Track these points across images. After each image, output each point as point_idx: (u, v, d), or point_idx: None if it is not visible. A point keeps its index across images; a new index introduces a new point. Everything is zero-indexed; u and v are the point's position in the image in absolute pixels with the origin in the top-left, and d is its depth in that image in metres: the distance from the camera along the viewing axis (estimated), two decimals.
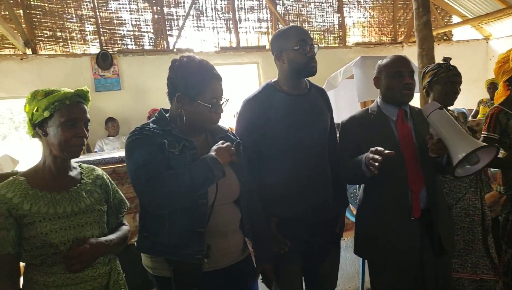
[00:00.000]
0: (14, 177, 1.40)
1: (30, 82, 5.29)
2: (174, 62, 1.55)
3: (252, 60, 6.79)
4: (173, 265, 1.47)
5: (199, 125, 1.55)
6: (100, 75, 5.67)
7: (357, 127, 1.90)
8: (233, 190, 1.58)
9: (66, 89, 1.42)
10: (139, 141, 1.46)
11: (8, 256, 1.32)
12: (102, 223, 1.48)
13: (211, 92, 1.50)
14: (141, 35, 6.21)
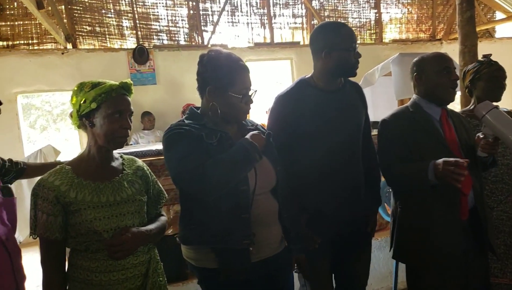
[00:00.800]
0: (61, 166, 1.45)
1: (70, 76, 5.47)
2: (202, 56, 1.57)
3: (285, 56, 6.75)
4: (221, 256, 1.49)
5: (232, 116, 1.56)
6: (136, 69, 5.79)
7: (405, 126, 1.84)
8: (271, 179, 1.59)
9: (111, 82, 1.46)
10: (178, 135, 1.48)
11: (56, 241, 1.38)
12: (142, 213, 1.52)
13: (241, 82, 1.52)
14: (176, 30, 6.30)
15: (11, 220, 1.31)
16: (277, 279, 1.64)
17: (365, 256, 1.98)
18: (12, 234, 1.29)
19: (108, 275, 1.40)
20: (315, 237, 1.79)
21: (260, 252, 1.53)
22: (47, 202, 1.36)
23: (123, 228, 1.41)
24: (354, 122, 1.87)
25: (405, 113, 1.89)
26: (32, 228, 1.41)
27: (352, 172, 1.85)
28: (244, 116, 1.58)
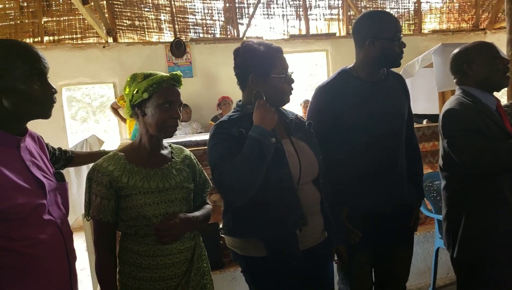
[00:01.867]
0: (114, 152, 1.52)
1: (111, 69, 5.65)
2: (237, 50, 1.60)
3: (321, 47, 6.68)
4: (271, 244, 1.51)
5: (277, 99, 1.57)
6: (173, 62, 5.90)
7: (473, 115, 1.77)
8: (314, 168, 1.60)
9: (162, 73, 1.51)
10: (216, 137, 1.52)
11: (108, 224, 1.45)
12: (189, 200, 1.56)
13: (280, 63, 1.54)
14: (212, 24, 6.36)
15: (64, 204, 1.38)
16: (318, 270, 1.65)
17: (407, 251, 1.95)
18: (66, 218, 1.35)
19: (156, 259, 1.45)
20: (355, 230, 1.78)
21: (303, 242, 1.55)
22: (101, 186, 1.42)
23: (171, 214, 1.46)
24: (398, 114, 1.84)
25: (465, 103, 1.82)
26: (86, 211, 1.48)
27: (395, 165, 1.82)
28: (288, 98, 1.59)
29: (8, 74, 1.13)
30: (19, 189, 1.15)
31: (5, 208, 1.10)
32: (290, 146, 1.56)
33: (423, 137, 3.34)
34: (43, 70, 1.20)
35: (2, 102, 1.15)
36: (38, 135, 1.40)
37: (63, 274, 1.27)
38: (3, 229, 1.12)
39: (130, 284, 1.46)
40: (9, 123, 1.18)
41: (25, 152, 1.24)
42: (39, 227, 1.19)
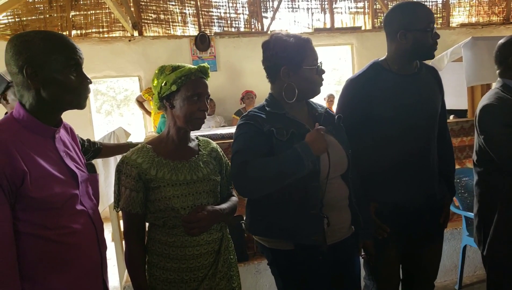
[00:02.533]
0: (142, 145, 1.53)
1: (136, 62, 5.73)
2: (267, 43, 1.58)
3: (346, 41, 6.60)
4: (296, 239, 1.51)
5: (309, 91, 1.56)
6: (198, 56, 5.93)
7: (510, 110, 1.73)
8: (343, 163, 1.58)
9: (190, 65, 1.51)
10: (246, 127, 1.51)
11: (137, 215, 1.47)
12: (216, 193, 1.57)
13: (311, 54, 1.53)
14: (237, 17, 6.35)
15: (95, 195, 1.41)
16: (344, 264, 1.64)
17: (436, 248, 1.92)
18: (97, 208, 1.38)
19: (184, 250, 1.46)
20: (384, 226, 1.76)
21: (330, 236, 1.53)
22: (130, 178, 1.44)
23: (199, 206, 1.47)
24: (431, 108, 1.79)
25: (504, 97, 1.76)
26: (116, 202, 1.51)
27: (427, 161, 1.78)
28: (319, 89, 1.58)
29: (47, 66, 1.15)
30: (54, 179, 1.18)
31: (41, 197, 1.13)
32: None
33: (451, 132, 3.25)
34: (79, 61, 1.22)
35: (40, 93, 1.17)
36: (70, 126, 1.43)
37: (95, 262, 1.30)
38: (39, 218, 1.15)
39: (158, 274, 1.48)
40: (45, 114, 1.21)
41: (60, 143, 1.27)
42: (72, 217, 1.22)
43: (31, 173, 1.12)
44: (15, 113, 1.20)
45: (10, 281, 1.09)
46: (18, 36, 1.17)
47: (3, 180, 1.07)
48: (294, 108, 1.57)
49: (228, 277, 1.55)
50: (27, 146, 1.15)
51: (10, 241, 1.10)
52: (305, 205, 1.48)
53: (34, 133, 1.19)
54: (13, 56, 1.15)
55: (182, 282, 1.47)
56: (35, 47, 1.15)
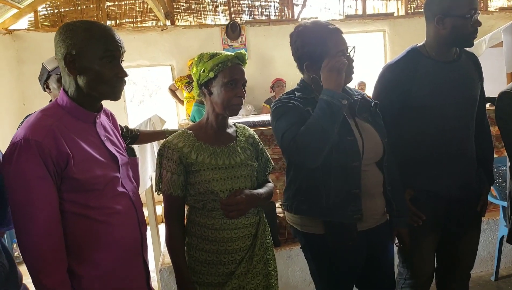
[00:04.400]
0: (183, 130, 1.58)
1: (168, 51, 5.81)
2: (291, 35, 1.59)
3: (378, 28, 6.44)
4: (329, 224, 1.53)
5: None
6: (229, 45, 5.95)
7: None
8: (378, 150, 1.58)
9: (227, 52, 1.54)
10: (285, 108, 1.53)
11: (178, 197, 1.52)
12: (253, 178, 1.60)
13: (334, 47, 1.51)
14: (267, 5, 6.31)
15: (135, 178, 1.47)
16: (377, 251, 1.64)
17: (473, 236, 1.89)
18: (137, 191, 1.44)
19: (222, 232, 1.51)
20: (419, 213, 1.75)
21: (364, 222, 1.54)
22: (172, 162, 1.50)
23: (237, 190, 1.51)
24: (470, 95, 1.76)
25: None
26: (157, 185, 1.57)
27: (465, 149, 1.75)
28: (348, 78, 1.56)
29: (84, 55, 1.20)
30: (96, 162, 1.25)
31: (85, 179, 1.20)
32: (354, 127, 1.54)
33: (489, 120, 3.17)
34: (115, 53, 1.24)
35: (77, 81, 1.22)
36: (111, 111, 1.49)
37: (136, 242, 1.36)
38: (83, 199, 1.21)
39: (197, 256, 1.53)
40: (85, 101, 1.26)
41: (100, 128, 1.33)
42: (114, 198, 1.29)
43: (74, 156, 1.18)
44: (59, 99, 1.27)
45: (58, 256, 1.17)
46: (65, 25, 1.23)
47: (49, 162, 1.14)
48: None
49: (264, 260, 1.59)
50: (70, 130, 1.21)
51: (57, 219, 1.17)
52: (346, 184, 1.50)
53: (76, 119, 1.25)
54: (58, 44, 1.21)
55: (220, 264, 1.52)
56: (76, 36, 1.19)
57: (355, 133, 1.52)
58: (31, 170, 1.12)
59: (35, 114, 1.23)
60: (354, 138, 1.50)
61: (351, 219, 1.51)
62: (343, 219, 1.51)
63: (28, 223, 1.13)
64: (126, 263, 1.32)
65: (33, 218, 1.12)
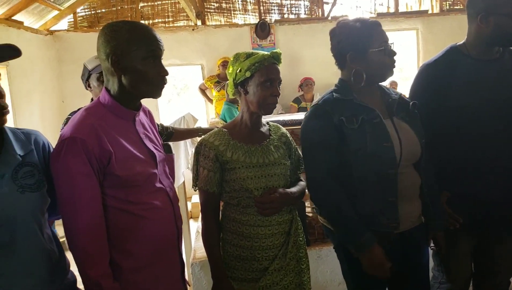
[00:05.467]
0: (219, 128, 1.62)
1: (199, 51, 5.90)
2: (333, 31, 1.59)
3: (411, 26, 6.32)
4: None
5: (379, 75, 1.54)
6: (258, 44, 5.98)
7: None
8: (415, 151, 1.55)
9: (263, 52, 1.56)
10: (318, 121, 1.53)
11: (213, 194, 1.56)
12: (287, 176, 1.62)
13: (378, 37, 1.50)
14: (297, 4, 6.31)
15: (171, 174, 1.51)
16: (412, 254, 1.62)
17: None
18: (173, 186, 1.48)
19: (257, 229, 1.53)
20: (456, 216, 1.71)
21: (400, 225, 1.53)
22: (208, 159, 1.53)
23: (271, 188, 1.53)
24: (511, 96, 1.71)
25: None
26: (194, 181, 1.61)
27: (505, 151, 1.69)
28: (391, 71, 1.54)
29: (128, 55, 1.24)
30: (136, 159, 1.29)
31: (125, 175, 1.25)
32: (391, 127, 1.53)
33: None
34: (158, 53, 1.29)
35: (122, 80, 1.27)
36: (149, 109, 1.54)
37: (173, 236, 1.41)
38: (123, 194, 1.26)
39: (232, 251, 1.56)
40: (126, 99, 1.31)
41: (139, 125, 1.38)
42: (152, 194, 1.33)
43: (116, 154, 1.23)
44: (101, 98, 1.32)
45: (100, 248, 1.22)
46: (109, 25, 1.28)
47: (93, 160, 1.19)
48: (365, 94, 1.56)
49: (297, 258, 1.61)
50: (112, 128, 1.26)
51: (100, 214, 1.23)
52: (382, 192, 1.49)
53: (117, 117, 1.30)
54: (103, 44, 1.26)
55: (254, 260, 1.54)
56: (121, 36, 1.24)
57: (392, 136, 1.49)
58: (76, 167, 1.17)
59: (79, 112, 1.29)
60: (390, 144, 1.47)
61: (387, 228, 1.49)
62: (379, 227, 1.50)
63: (74, 217, 1.19)
64: (163, 256, 1.36)
65: (78, 212, 1.18)
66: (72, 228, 1.20)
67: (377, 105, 1.56)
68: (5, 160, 1.14)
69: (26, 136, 1.24)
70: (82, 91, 2.26)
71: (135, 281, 1.29)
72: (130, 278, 1.29)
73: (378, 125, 1.49)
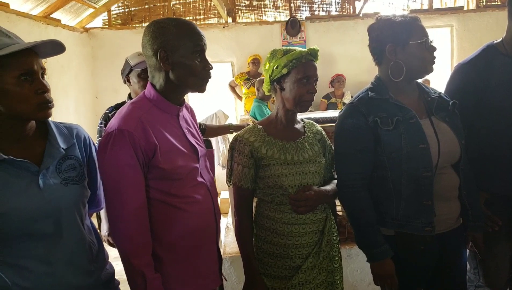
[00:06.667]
0: (254, 124, 1.62)
1: (229, 48, 5.93)
2: (372, 25, 1.56)
3: (445, 23, 6.14)
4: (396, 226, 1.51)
5: (419, 69, 1.50)
6: (288, 41, 5.96)
7: None
8: (455, 152, 1.51)
9: (301, 48, 1.56)
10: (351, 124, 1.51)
11: (248, 190, 1.56)
12: (321, 174, 1.61)
13: (418, 30, 1.46)
14: (328, 1, 6.24)
15: (211, 169, 1.53)
16: (449, 256, 1.58)
17: None
18: (213, 181, 1.50)
19: (290, 227, 1.53)
20: (495, 218, 1.66)
21: (437, 226, 1.49)
22: (243, 155, 1.54)
23: (306, 186, 1.53)
24: None
25: None
26: (228, 177, 1.62)
27: None
28: (431, 67, 1.50)
29: (177, 50, 1.27)
30: (179, 152, 1.32)
31: (169, 168, 1.27)
32: (429, 126, 1.49)
33: None
34: (203, 48, 1.32)
35: (169, 75, 1.29)
36: (190, 105, 1.56)
37: (212, 230, 1.42)
38: (166, 187, 1.29)
39: (265, 248, 1.57)
40: (171, 94, 1.34)
41: (183, 120, 1.40)
42: (194, 188, 1.35)
43: (160, 147, 1.25)
44: (146, 93, 1.35)
45: (144, 239, 1.25)
46: (155, 23, 1.30)
47: (139, 152, 1.22)
48: (402, 92, 1.53)
49: (330, 257, 1.60)
50: (157, 122, 1.29)
51: (145, 205, 1.26)
52: (417, 195, 1.46)
53: (162, 111, 1.33)
54: (150, 40, 1.28)
55: (288, 258, 1.54)
56: (169, 32, 1.26)
57: (429, 137, 1.46)
58: (123, 159, 1.20)
59: (126, 106, 1.32)
60: (427, 145, 1.44)
61: (422, 231, 1.46)
62: (414, 230, 1.47)
63: (119, 208, 1.22)
64: (202, 250, 1.38)
65: (123, 203, 1.21)
66: (118, 218, 1.23)
67: (415, 104, 1.53)
68: (49, 152, 1.18)
69: (69, 130, 1.28)
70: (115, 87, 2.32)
71: (175, 274, 1.32)
72: (170, 270, 1.31)
73: (414, 126, 1.45)
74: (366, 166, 1.51)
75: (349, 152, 1.52)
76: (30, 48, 1.10)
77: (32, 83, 1.10)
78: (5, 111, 1.09)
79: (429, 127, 1.49)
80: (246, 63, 5.80)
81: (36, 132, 1.19)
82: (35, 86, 1.10)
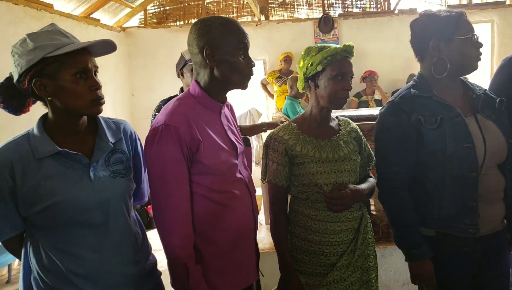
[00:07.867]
0: (288, 122, 1.63)
1: (262, 46, 5.95)
2: (415, 20, 1.53)
3: (486, 18, 5.92)
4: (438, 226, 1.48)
5: (464, 66, 1.46)
6: (320, 38, 5.92)
7: None
8: (501, 151, 1.46)
9: (336, 45, 1.55)
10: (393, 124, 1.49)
11: (282, 187, 1.58)
12: (356, 172, 1.60)
13: (464, 25, 1.42)
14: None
15: (249, 166, 1.56)
16: (492, 259, 1.54)
17: None
18: (251, 177, 1.53)
19: (325, 224, 1.53)
20: None
21: (481, 227, 1.45)
22: (277, 153, 1.55)
23: (341, 184, 1.52)
24: None
25: None
26: (263, 174, 1.64)
27: None
28: (475, 64, 1.46)
29: (222, 47, 1.30)
30: (221, 149, 1.35)
31: (211, 164, 1.30)
32: (475, 125, 1.44)
33: None
34: (247, 45, 1.35)
35: (214, 72, 1.32)
36: (230, 103, 1.58)
37: (250, 225, 1.45)
38: (208, 182, 1.32)
39: (299, 245, 1.58)
40: (215, 91, 1.37)
41: (224, 118, 1.43)
42: (233, 184, 1.38)
43: (204, 142, 1.29)
44: (191, 89, 1.39)
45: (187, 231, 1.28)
46: (201, 21, 1.34)
47: (184, 147, 1.25)
48: (446, 89, 1.49)
49: (365, 255, 1.59)
50: (200, 118, 1.32)
51: (188, 198, 1.29)
52: (461, 196, 1.42)
53: (205, 108, 1.36)
54: (196, 38, 1.32)
55: (322, 255, 1.55)
56: (214, 30, 1.30)
57: (474, 136, 1.42)
58: (169, 153, 1.24)
59: (172, 102, 1.37)
60: (472, 145, 1.40)
61: (466, 233, 1.43)
62: (457, 232, 1.44)
63: (164, 200, 1.26)
64: (241, 245, 1.41)
65: (168, 196, 1.26)
66: (163, 209, 1.27)
67: (460, 102, 1.49)
68: (99, 146, 1.24)
69: (116, 125, 1.34)
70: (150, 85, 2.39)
71: (215, 267, 1.35)
72: (209, 263, 1.34)
73: (459, 124, 1.42)
74: (408, 166, 1.49)
75: (391, 151, 1.50)
76: (85, 47, 1.15)
77: (86, 80, 1.16)
78: (61, 106, 1.16)
79: (474, 126, 1.44)
80: (278, 61, 5.80)
81: (87, 127, 1.26)
82: (89, 83, 1.16)
